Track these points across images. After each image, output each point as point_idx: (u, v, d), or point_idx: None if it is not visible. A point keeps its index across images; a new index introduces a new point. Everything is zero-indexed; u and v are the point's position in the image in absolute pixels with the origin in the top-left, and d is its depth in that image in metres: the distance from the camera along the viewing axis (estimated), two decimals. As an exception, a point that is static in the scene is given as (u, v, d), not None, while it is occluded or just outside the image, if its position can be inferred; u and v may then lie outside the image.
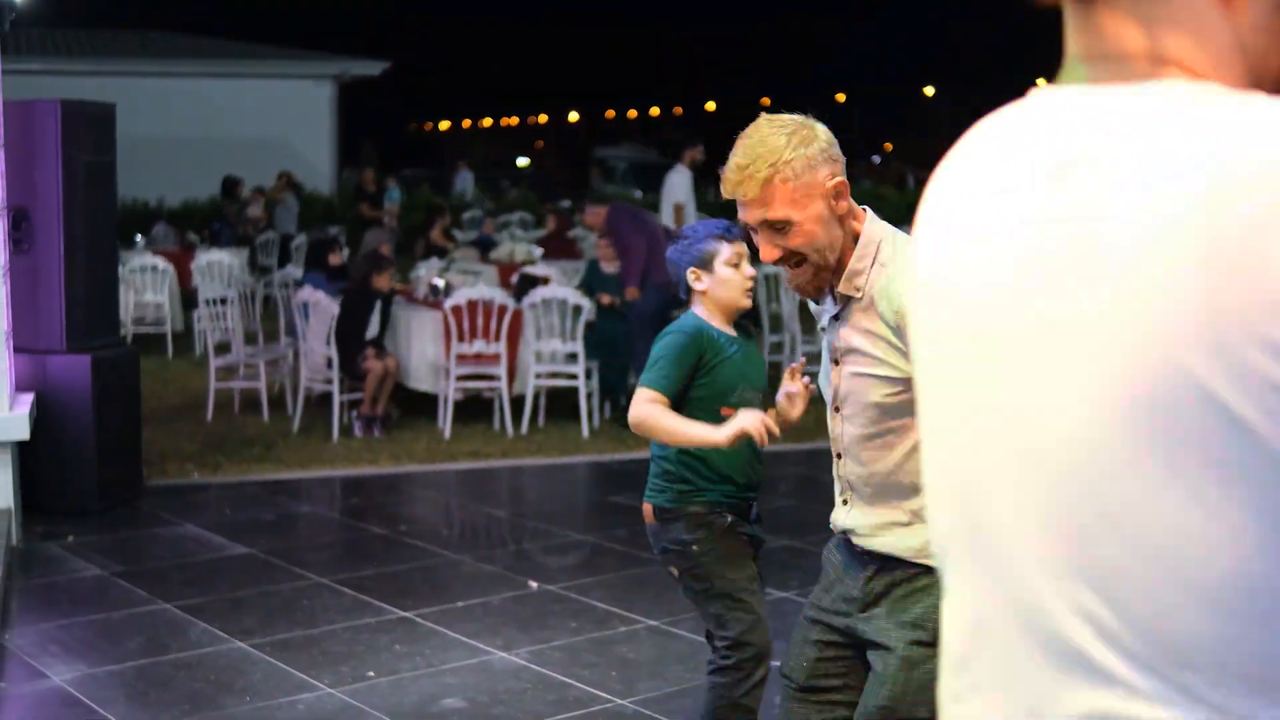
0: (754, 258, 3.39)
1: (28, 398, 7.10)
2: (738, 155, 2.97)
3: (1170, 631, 1.01)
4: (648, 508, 3.92)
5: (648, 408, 3.66)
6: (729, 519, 3.82)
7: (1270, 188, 0.93)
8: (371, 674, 5.19)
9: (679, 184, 12.65)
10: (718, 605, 3.83)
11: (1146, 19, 1.06)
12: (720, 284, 3.83)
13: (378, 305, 9.69)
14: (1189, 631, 1.00)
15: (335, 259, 10.87)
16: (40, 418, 7.14)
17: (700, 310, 3.86)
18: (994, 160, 1.13)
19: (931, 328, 1.19)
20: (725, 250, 3.82)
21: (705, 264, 3.83)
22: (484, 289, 9.82)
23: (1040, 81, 1.20)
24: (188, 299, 13.77)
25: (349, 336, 9.48)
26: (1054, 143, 1.07)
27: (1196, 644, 1.00)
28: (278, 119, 24.33)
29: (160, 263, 13.83)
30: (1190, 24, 1.05)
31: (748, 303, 3.88)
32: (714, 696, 3.85)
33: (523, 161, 52.53)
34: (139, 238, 16.76)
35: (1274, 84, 1.07)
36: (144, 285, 13.62)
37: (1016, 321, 1.08)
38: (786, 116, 3.00)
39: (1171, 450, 0.98)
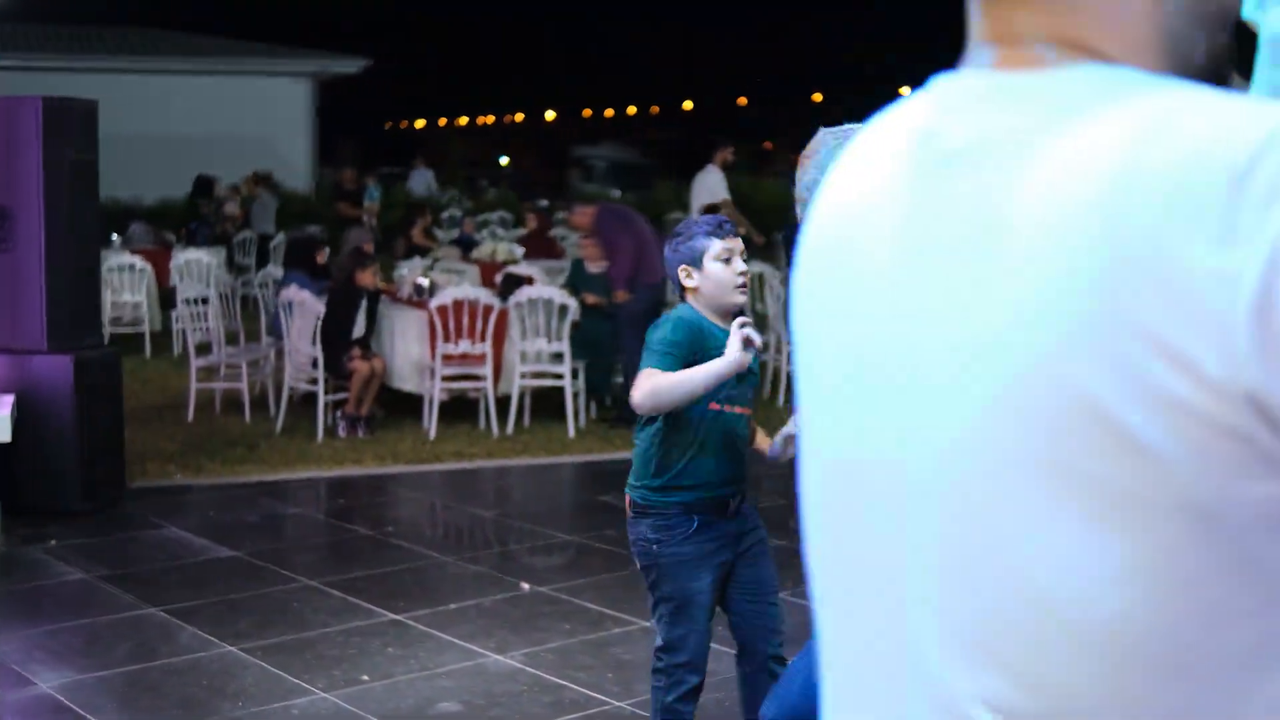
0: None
1: (8, 399, 7.00)
2: (810, 173, 2.98)
3: (1056, 684, 0.89)
4: (628, 497, 3.93)
5: (651, 379, 3.65)
6: (696, 523, 3.79)
7: (1178, 188, 0.82)
8: (365, 677, 5.12)
9: (713, 184, 12.59)
10: (664, 607, 3.86)
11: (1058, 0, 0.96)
12: (711, 280, 3.78)
13: (363, 303, 9.61)
14: (1076, 684, 0.89)
15: (321, 258, 10.78)
16: (21, 419, 7.04)
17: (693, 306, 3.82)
18: (888, 150, 1.02)
19: (814, 327, 1.08)
20: (715, 245, 3.78)
21: (696, 261, 3.79)
22: (469, 289, 9.76)
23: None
24: (165, 298, 13.66)
25: (334, 336, 9.40)
26: (950, 131, 0.97)
27: (1084, 697, 0.89)
28: (256, 117, 24.21)
29: (138, 262, 13.72)
30: (1107, 6, 0.96)
31: (740, 299, 3.83)
32: (653, 698, 3.94)
33: (505, 160, 52.48)
34: (115, 236, 16.61)
35: (1199, 72, 0.97)
36: (121, 285, 13.51)
37: (900, 325, 0.97)
38: (845, 127, 3.00)
39: (1060, 476, 0.86)
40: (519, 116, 73.46)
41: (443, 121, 73.43)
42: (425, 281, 10.46)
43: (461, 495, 8.42)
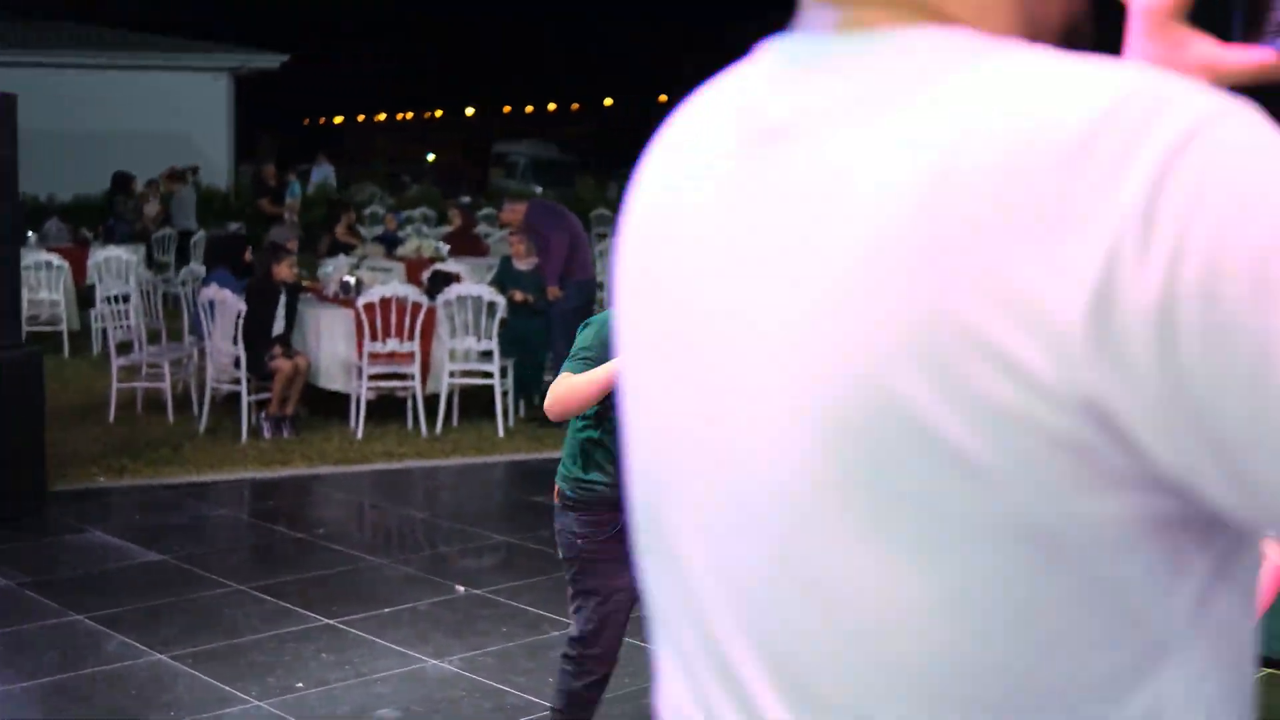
0: None
1: (-74, 401, 6.82)
2: None
3: None
4: (556, 487, 3.95)
5: (559, 384, 3.69)
6: (621, 522, 3.76)
7: (1005, 172, 0.73)
8: (300, 685, 5.03)
9: None
10: (580, 600, 3.92)
11: None
12: None
13: (281, 299, 9.46)
14: None
15: (248, 256, 10.61)
16: (-60, 422, 6.86)
17: None
18: (712, 121, 0.93)
19: (632, 326, 0.98)
20: None
21: None
22: (397, 286, 9.66)
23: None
24: (83, 297, 13.41)
25: (255, 334, 9.25)
26: (774, 103, 0.86)
27: None
28: (174, 113, 23.85)
29: (55, 259, 13.44)
30: None
31: None
32: (559, 680, 4.03)
33: (432, 157, 52.17)
34: (30, 234, 16.28)
35: (1053, 35, 0.90)
36: (39, 283, 13.22)
37: (720, 319, 0.87)
38: None
39: (877, 493, 0.77)
40: (438, 113, 73.09)
41: (361, 117, 72.89)
42: (352, 279, 10.34)
43: (391, 496, 8.32)
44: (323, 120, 72.54)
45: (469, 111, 70.63)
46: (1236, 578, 0.81)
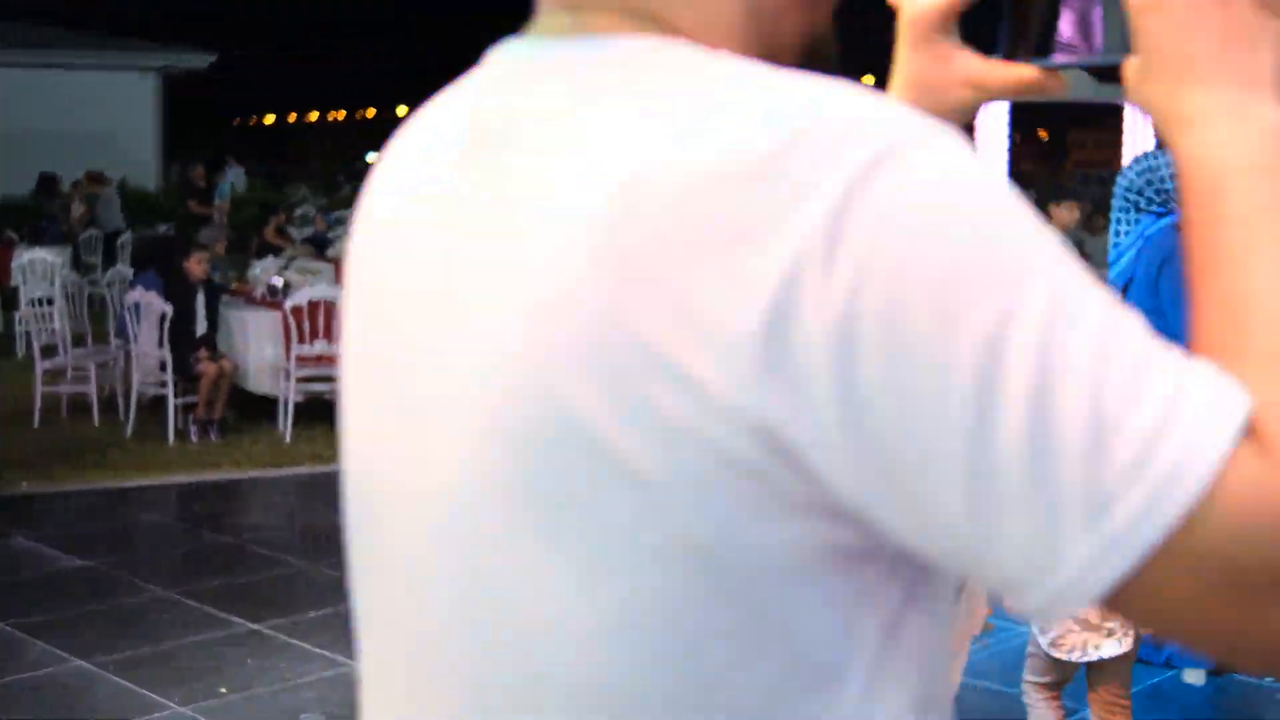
0: None
1: None
2: None
3: None
4: None
5: None
6: None
7: (692, 190, 0.71)
8: (224, 690, 5.02)
9: None
10: None
11: None
12: None
13: (200, 297, 9.38)
14: None
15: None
16: None
17: None
18: (438, 126, 0.92)
19: (348, 341, 0.96)
20: None
21: None
22: (325, 288, 9.61)
23: None
24: (6, 299, 13.26)
25: (180, 336, 9.20)
26: (489, 109, 0.86)
27: None
28: (101, 112, 23.56)
29: (-23, 262, 13.29)
30: None
31: None
32: None
33: (372, 157, 51.96)
34: (-48, 236, 16.09)
35: (793, 53, 0.88)
36: (-39, 285, 13.07)
37: (423, 333, 0.84)
38: None
39: (553, 510, 0.75)
40: (370, 112, 72.69)
41: (293, 117, 72.37)
42: (279, 281, 10.29)
43: (319, 499, 8.28)
44: (254, 120, 71.97)
45: (401, 110, 70.31)
46: (926, 607, 0.80)
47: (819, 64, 0.87)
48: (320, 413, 9.63)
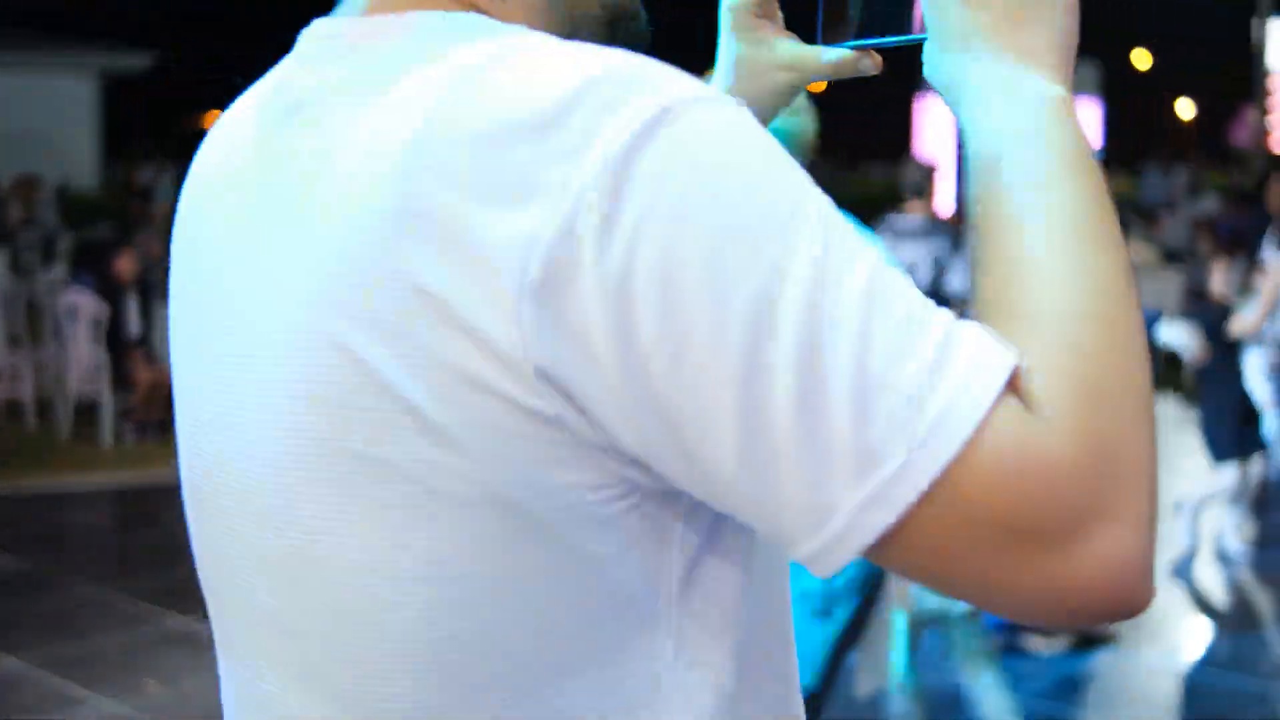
0: None
1: None
2: None
3: (378, 705, 0.82)
4: None
5: None
6: None
7: (474, 147, 0.74)
8: (153, 686, 5.08)
9: None
10: None
11: None
12: None
13: (133, 300, 9.37)
14: (392, 703, 0.81)
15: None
16: None
17: None
18: (251, 103, 0.94)
19: (174, 322, 0.98)
20: None
21: None
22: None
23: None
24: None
25: (115, 338, 9.19)
26: (293, 84, 0.88)
27: (397, 716, 0.81)
28: (37, 113, 23.32)
29: (-88, 265, 13.16)
30: None
31: None
32: None
33: None
34: (-114, 239, 15.91)
35: (599, 26, 0.93)
36: (-105, 289, 12.93)
37: (233, 303, 0.87)
38: None
39: (360, 465, 0.78)
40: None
41: (239, 115, 71.74)
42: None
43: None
44: (196, 120, 71.26)
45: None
46: (728, 549, 0.83)
47: (629, 40, 0.92)
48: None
